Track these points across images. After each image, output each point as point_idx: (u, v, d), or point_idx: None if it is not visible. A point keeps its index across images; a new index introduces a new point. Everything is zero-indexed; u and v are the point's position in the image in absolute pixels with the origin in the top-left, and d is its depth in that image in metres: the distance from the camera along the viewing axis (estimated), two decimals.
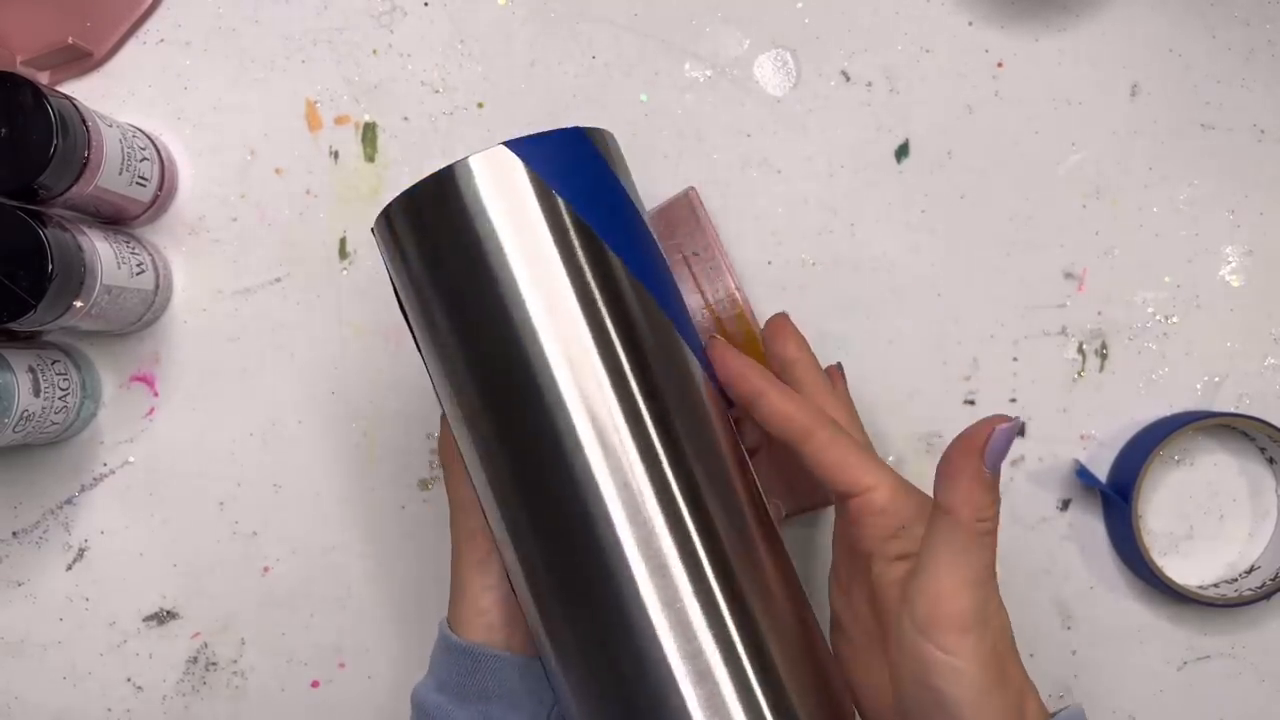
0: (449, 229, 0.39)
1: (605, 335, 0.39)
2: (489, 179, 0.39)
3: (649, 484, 0.38)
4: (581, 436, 0.38)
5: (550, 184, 0.39)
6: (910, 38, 0.57)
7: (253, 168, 0.57)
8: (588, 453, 0.38)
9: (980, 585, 0.39)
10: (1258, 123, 0.57)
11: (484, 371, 0.39)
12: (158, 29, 0.57)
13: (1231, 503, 0.57)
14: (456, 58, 0.57)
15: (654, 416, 0.38)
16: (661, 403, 0.39)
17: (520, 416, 0.38)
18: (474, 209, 0.39)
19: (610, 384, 0.38)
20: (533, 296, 0.38)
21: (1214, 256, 0.57)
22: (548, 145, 0.40)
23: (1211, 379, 0.57)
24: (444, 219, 0.39)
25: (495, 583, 0.45)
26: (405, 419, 0.57)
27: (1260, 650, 0.57)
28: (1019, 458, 0.57)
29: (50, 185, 0.48)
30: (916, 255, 0.57)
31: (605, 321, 0.39)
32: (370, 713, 0.57)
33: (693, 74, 0.57)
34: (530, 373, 0.38)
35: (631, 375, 0.38)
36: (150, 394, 0.57)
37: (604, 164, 0.41)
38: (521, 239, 0.39)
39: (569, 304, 0.38)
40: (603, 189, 0.41)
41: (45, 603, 0.57)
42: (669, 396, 0.39)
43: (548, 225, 0.39)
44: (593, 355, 0.38)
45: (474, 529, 0.45)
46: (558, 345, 0.38)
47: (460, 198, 0.39)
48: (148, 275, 0.54)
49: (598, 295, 0.39)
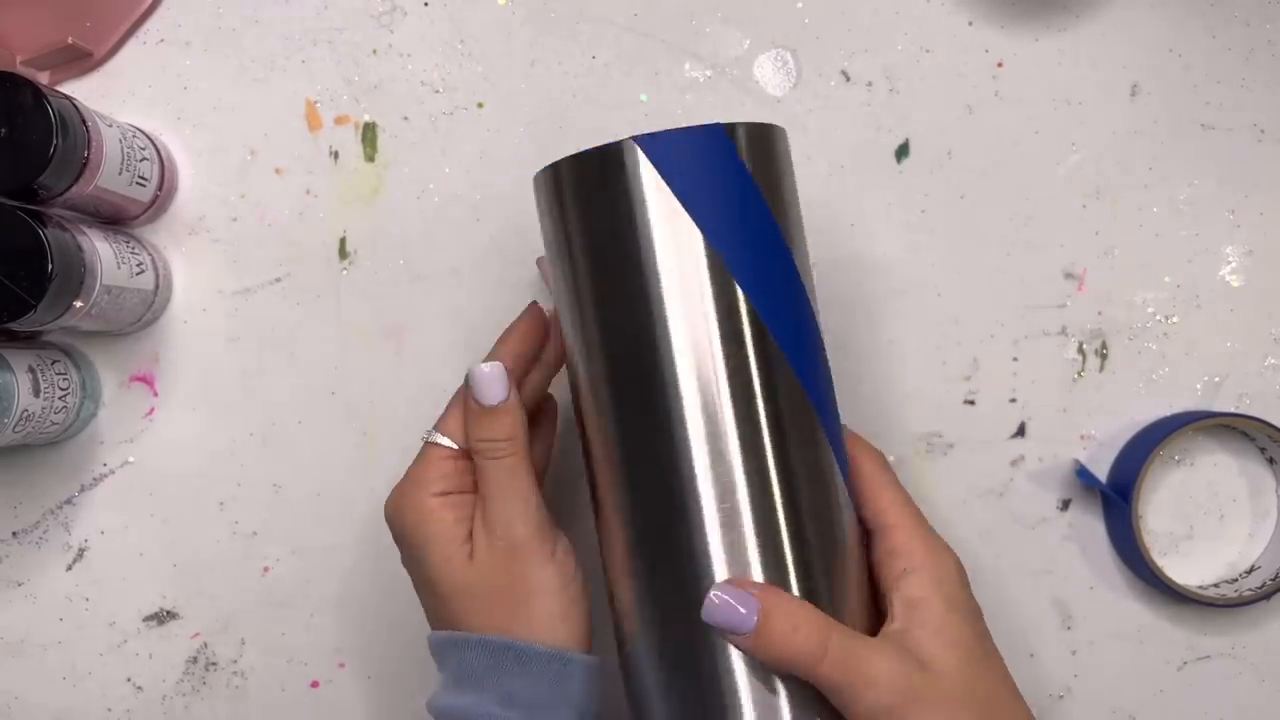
0: (607, 202, 0.43)
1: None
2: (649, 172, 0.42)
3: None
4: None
5: (685, 203, 0.42)
6: (910, 38, 0.57)
7: (253, 168, 0.57)
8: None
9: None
10: (1258, 123, 0.57)
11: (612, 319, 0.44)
12: (158, 29, 0.57)
13: (1231, 503, 0.57)
14: (456, 58, 0.57)
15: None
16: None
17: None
18: (634, 194, 0.42)
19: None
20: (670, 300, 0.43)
21: (1214, 256, 0.57)
22: (687, 146, 0.43)
23: (1211, 379, 0.57)
24: (605, 193, 0.43)
25: (569, 584, 0.45)
26: (405, 419, 0.57)
27: (1260, 650, 0.57)
28: (1019, 458, 0.57)
29: (50, 185, 0.48)
30: (916, 255, 0.57)
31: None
32: (370, 713, 0.58)
33: (693, 74, 0.57)
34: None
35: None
36: (150, 394, 0.57)
37: (745, 177, 0.43)
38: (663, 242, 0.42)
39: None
40: (738, 205, 0.43)
41: (45, 603, 0.57)
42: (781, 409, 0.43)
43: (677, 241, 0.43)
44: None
45: (544, 522, 0.45)
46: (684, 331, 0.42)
47: (623, 178, 0.43)
48: (147, 275, 0.54)
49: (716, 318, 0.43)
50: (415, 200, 0.57)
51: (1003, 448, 0.57)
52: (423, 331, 0.57)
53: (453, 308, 0.57)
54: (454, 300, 0.57)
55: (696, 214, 0.42)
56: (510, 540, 0.45)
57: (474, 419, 0.46)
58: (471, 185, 0.57)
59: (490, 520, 0.45)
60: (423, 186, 0.57)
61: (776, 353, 0.43)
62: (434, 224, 0.57)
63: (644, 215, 0.42)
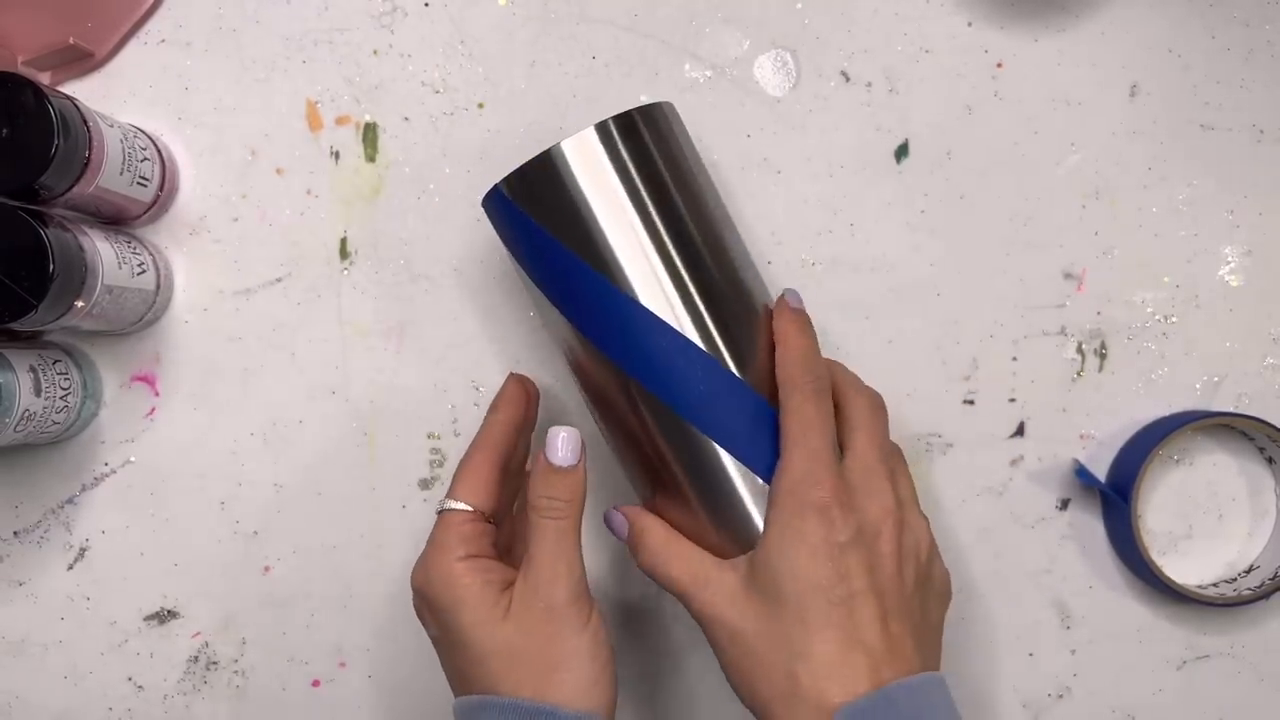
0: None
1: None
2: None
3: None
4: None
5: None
6: (910, 38, 0.57)
7: (253, 168, 0.57)
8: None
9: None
10: (1257, 123, 0.57)
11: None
12: (159, 29, 0.57)
13: (1230, 502, 0.57)
14: (457, 58, 0.57)
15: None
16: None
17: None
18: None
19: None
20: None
21: (1213, 256, 0.57)
22: (491, 207, 0.49)
23: (1211, 379, 0.57)
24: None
25: (600, 651, 0.45)
26: (405, 419, 0.57)
27: (1260, 650, 0.57)
28: (1018, 457, 0.57)
29: (51, 185, 0.48)
30: (916, 255, 0.57)
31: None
32: (370, 712, 0.58)
33: (693, 74, 0.57)
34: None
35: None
36: (151, 394, 0.57)
37: (525, 223, 0.48)
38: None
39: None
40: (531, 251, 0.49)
41: (46, 602, 0.57)
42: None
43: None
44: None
45: (584, 588, 0.46)
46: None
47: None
48: (149, 275, 0.54)
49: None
50: (415, 200, 0.57)
51: (1002, 447, 0.57)
52: (423, 331, 0.57)
53: (453, 308, 0.57)
54: (454, 300, 0.57)
55: (519, 262, 0.49)
56: (550, 603, 0.45)
57: (542, 476, 0.46)
58: (471, 185, 0.57)
59: (533, 579, 0.45)
60: (423, 186, 0.57)
61: (634, 385, 0.47)
62: (434, 224, 0.57)
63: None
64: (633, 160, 0.47)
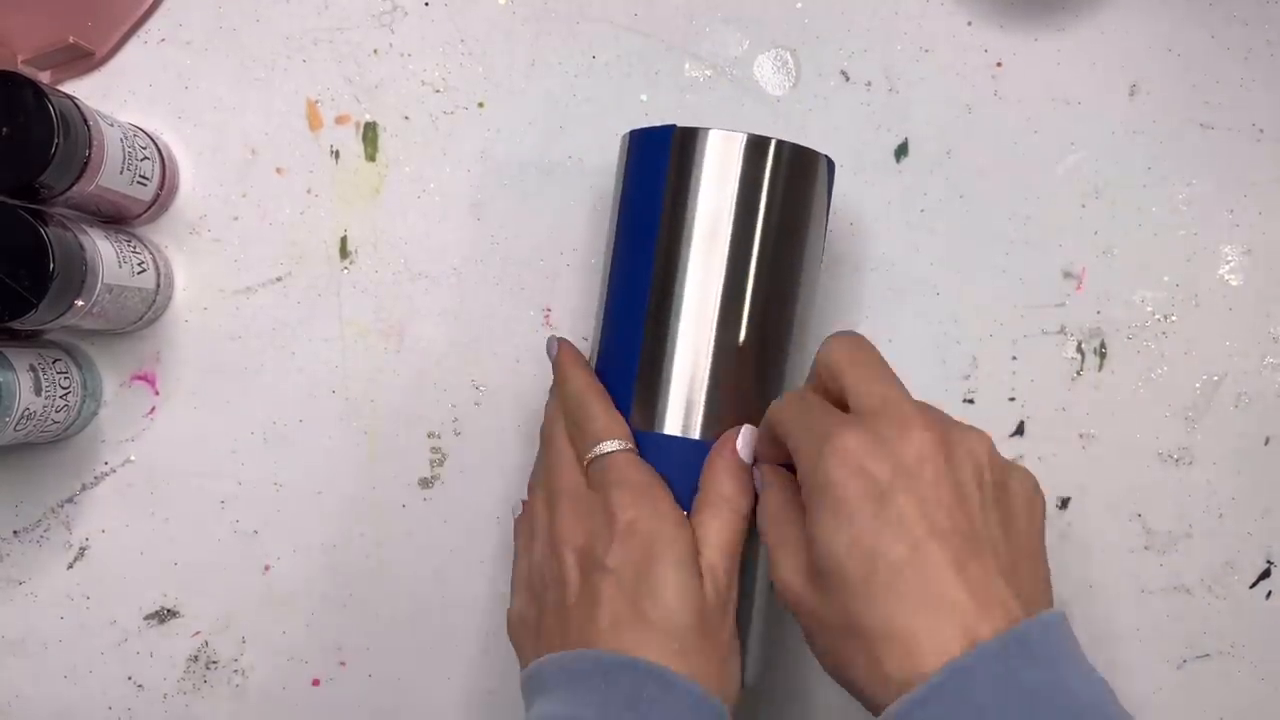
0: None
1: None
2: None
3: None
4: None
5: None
6: (910, 38, 0.57)
7: (254, 167, 0.57)
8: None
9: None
10: (1256, 122, 0.57)
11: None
12: (159, 28, 0.57)
13: (1230, 501, 0.57)
14: (457, 57, 0.57)
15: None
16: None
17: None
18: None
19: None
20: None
21: (1213, 256, 0.57)
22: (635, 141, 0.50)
23: (1210, 378, 0.57)
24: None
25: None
26: (405, 418, 0.57)
27: (1260, 649, 0.57)
28: (1018, 457, 0.57)
29: (51, 184, 0.48)
30: (916, 255, 0.57)
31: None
32: (370, 711, 0.58)
33: (693, 74, 0.57)
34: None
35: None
36: (151, 393, 0.57)
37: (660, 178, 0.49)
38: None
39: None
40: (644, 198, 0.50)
41: (46, 601, 0.57)
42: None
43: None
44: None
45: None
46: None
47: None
48: (149, 274, 0.54)
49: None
50: (416, 200, 0.57)
51: (1002, 447, 0.57)
52: (423, 331, 0.57)
53: (453, 308, 0.57)
54: (454, 300, 0.57)
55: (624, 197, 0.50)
56: (733, 595, 0.44)
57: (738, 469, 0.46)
58: (471, 185, 0.57)
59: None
60: (423, 186, 0.57)
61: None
62: (434, 224, 0.57)
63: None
64: (765, 185, 0.48)
